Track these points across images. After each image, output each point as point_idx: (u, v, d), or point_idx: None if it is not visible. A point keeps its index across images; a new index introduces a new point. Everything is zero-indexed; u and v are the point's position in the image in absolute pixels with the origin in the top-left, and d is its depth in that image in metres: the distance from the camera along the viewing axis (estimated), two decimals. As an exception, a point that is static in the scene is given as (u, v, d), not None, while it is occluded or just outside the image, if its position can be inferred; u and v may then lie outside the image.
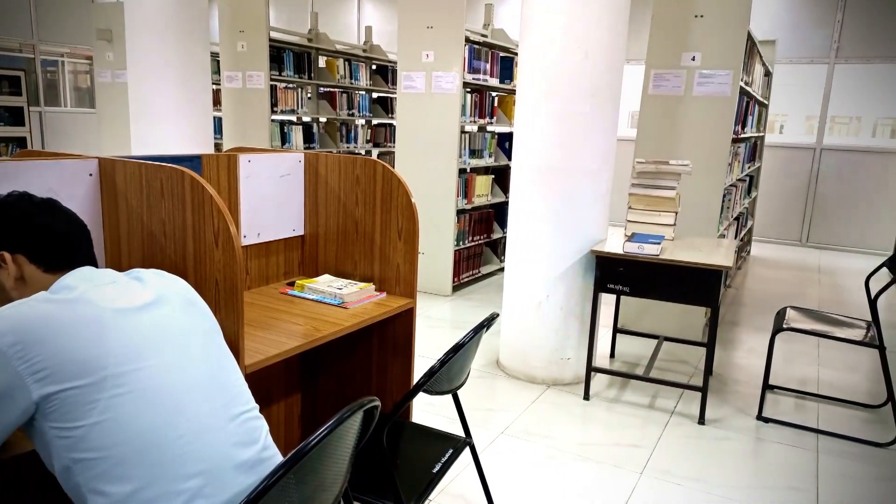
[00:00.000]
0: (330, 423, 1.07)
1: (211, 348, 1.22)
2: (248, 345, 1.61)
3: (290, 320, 1.83)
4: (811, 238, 7.43)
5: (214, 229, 1.47)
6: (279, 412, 2.34)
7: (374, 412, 1.23)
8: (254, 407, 1.23)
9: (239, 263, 1.46)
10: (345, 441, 1.17)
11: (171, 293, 1.23)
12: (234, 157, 1.99)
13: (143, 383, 1.08)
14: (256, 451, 1.17)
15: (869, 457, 2.68)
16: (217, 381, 1.18)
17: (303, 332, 1.73)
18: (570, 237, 3.15)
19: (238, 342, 1.48)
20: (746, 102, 4.57)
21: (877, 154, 7.08)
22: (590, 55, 2.98)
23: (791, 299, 5.06)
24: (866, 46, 6.97)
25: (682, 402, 3.11)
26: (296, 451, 1.03)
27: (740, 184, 5.06)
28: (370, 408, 1.19)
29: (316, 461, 1.09)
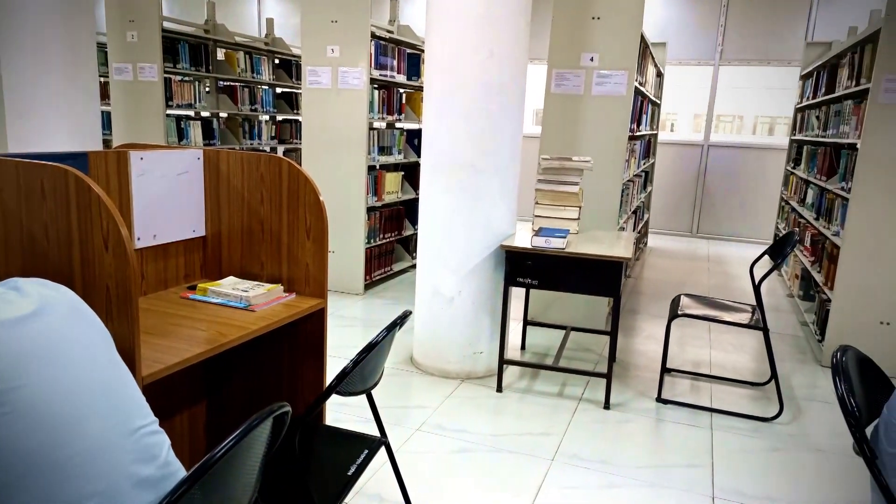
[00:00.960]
0: (237, 433, 1.02)
1: (101, 360, 1.13)
2: (145, 354, 1.52)
3: (192, 326, 1.74)
4: (701, 229, 7.95)
5: (103, 232, 1.37)
6: (183, 424, 2.22)
7: (285, 418, 1.19)
8: (153, 421, 1.16)
9: (132, 268, 1.36)
10: (253, 450, 1.12)
11: (54, 303, 1.13)
12: (124, 154, 1.87)
13: (25, 402, 0.99)
14: (157, 467, 1.11)
15: (757, 430, 2.90)
16: (110, 396, 1.10)
17: (206, 338, 1.65)
18: (480, 233, 3.19)
19: (133, 352, 1.39)
20: (641, 101, 4.81)
21: (757, 150, 7.67)
22: (495, 54, 3.03)
23: (684, 287, 5.39)
24: (746, 49, 7.53)
25: (589, 388, 3.24)
26: (200, 464, 0.98)
27: (637, 179, 5.32)
28: (280, 414, 1.15)
29: (223, 473, 1.04)
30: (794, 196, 5.95)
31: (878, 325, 3.55)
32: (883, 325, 3.54)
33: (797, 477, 2.53)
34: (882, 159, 3.44)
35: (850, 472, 2.57)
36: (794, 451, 2.73)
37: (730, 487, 2.43)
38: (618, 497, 2.33)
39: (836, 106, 4.57)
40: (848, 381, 1.37)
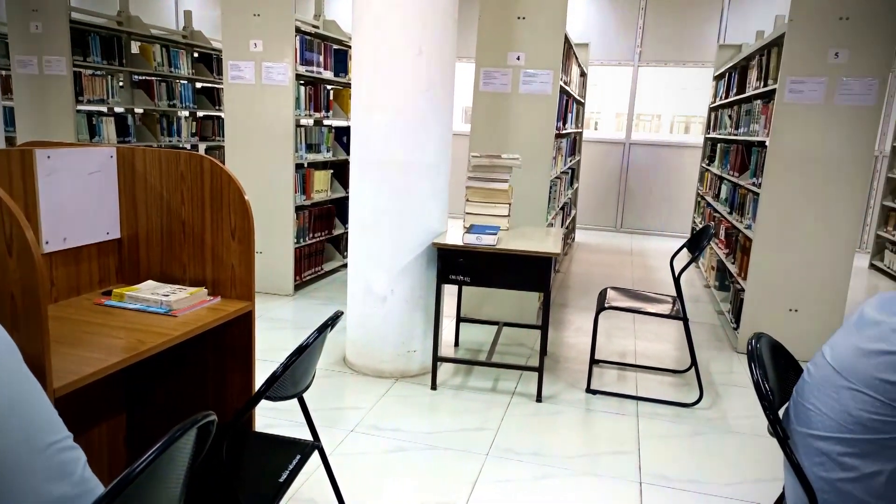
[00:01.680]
0: (157, 445, 0.97)
1: (5, 375, 1.05)
2: (57, 365, 1.42)
3: (108, 334, 1.64)
4: (624, 224, 8.24)
5: (6, 236, 1.27)
6: (101, 437, 2.10)
7: (210, 427, 1.14)
8: (67, 436, 1.08)
9: (40, 273, 1.27)
10: (177, 462, 1.07)
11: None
12: (29, 152, 1.74)
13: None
14: (72, 485, 1.03)
15: (679, 416, 3.03)
16: (18, 412, 1.02)
17: (124, 346, 1.56)
18: (411, 231, 3.18)
19: (43, 364, 1.30)
20: (566, 100, 4.93)
21: (674, 148, 8.02)
22: (424, 52, 3.02)
23: (610, 280, 5.57)
24: (663, 51, 7.85)
25: (522, 382, 3.29)
26: (119, 479, 0.92)
27: (564, 176, 5.46)
28: (205, 423, 1.10)
29: (144, 488, 0.99)
30: (710, 191, 6.26)
31: (788, 313, 3.78)
32: (792, 312, 3.78)
33: (717, 459, 2.66)
34: (788, 156, 3.66)
35: (765, 451, 2.72)
36: (714, 434, 2.87)
37: (655, 472, 2.52)
38: (550, 487, 2.38)
39: (747, 105, 4.84)
40: (762, 367, 1.45)
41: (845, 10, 3.44)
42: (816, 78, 3.54)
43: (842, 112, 3.54)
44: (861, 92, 3.50)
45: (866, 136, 3.54)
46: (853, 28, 3.44)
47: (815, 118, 3.58)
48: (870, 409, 1.26)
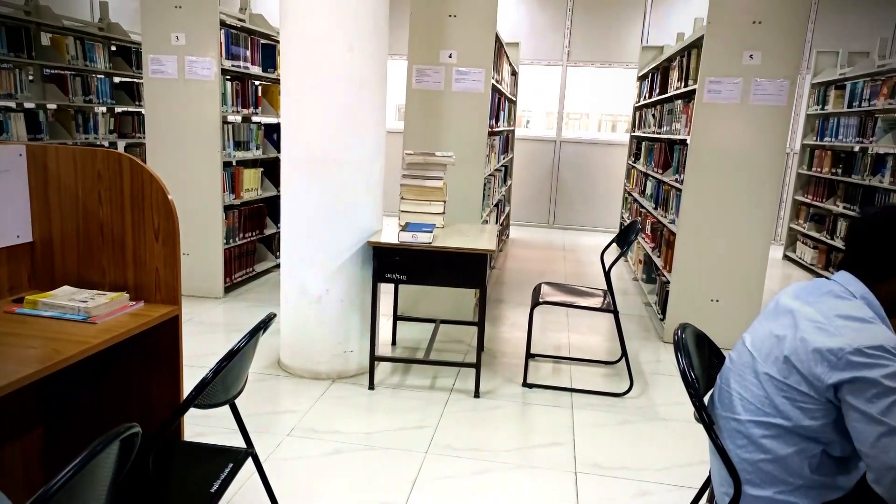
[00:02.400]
0: (76, 461, 0.91)
1: None
2: (-40, 380, 1.32)
3: (20, 344, 1.54)
4: (557, 220, 8.43)
5: None
6: (14, 454, 1.96)
7: (135, 439, 1.08)
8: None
9: (-62, 282, 1.17)
10: (98, 478, 1.01)
11: None
12: (-77, 149, 1.60)
13: None
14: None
15: (611, 406, 3.13)
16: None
17: (39, 357, 1.47)
18: (346, 229, 3.13)
19: (-56, 379, 1.20)
20: (498, 98, 4.98)
21: (602, 146, 8.26)
22: (355, 48, 2.98)
23: (544, 275, 5.68)
24: (590, 51, 8.07)
25: (460, 379, 3.31)
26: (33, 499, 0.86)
27: (497, 173, 5.52)
28: (129, 435, 1.04)
29: (62, 508, 0.93)
30: (636, 188, 6.49)
31: (710, 303, 3.97)
32: (714, 303, 3.96)
33: (647, 445, 2.76)
34: (708, 153, 3.84)
35: (692, 437, 2.84)
36: (644, 422, 2.98)
37: (589, 461, 2.59)
38: (489, 482, 2.40)
39: (669, 105, 5.03)
40: (687, 356, 1.51)
41: (758, 15, 3.63)
42: (732, 79, 3.72)
43: (756, 111, 3.73)
44: (773, 92, 3.70)
45: (778, 134, 3.75)
46: (765, 31, 3.64)
47: (731, 117, 3.76)
48: (783, 394, 1.34)
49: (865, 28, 7.45)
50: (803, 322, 1.33)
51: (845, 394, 1.26)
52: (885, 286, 1.38)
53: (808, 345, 1.30)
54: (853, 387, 1.24)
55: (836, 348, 1.26)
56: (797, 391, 1.31)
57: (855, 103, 5.93)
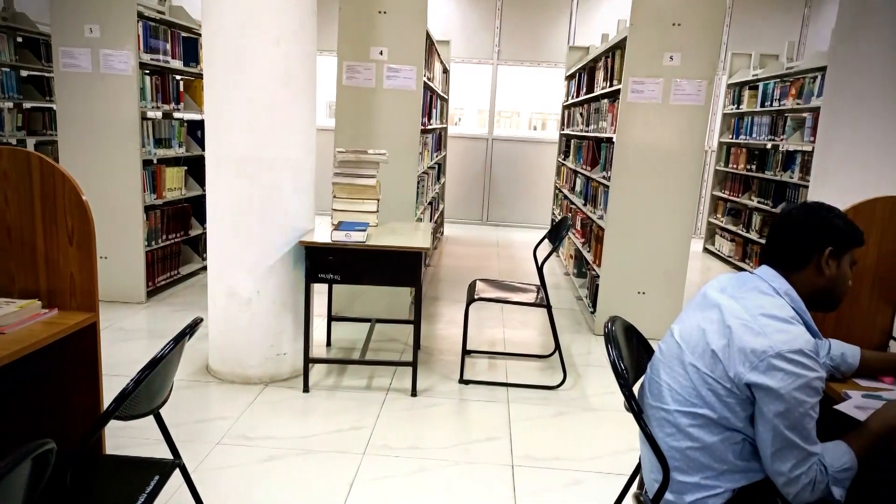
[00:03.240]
0: (-19, 484, 0.84)
1: None
2: None
3: (-86, 359, 1.41)
4: (490, 217, 8.52)
5: None
6: (-89, 479, 1.80)
7: (48, 456, 1.01)
8: None
9: None
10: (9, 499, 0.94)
11: None
12: None
13: None
14: None
15: (546, 398, 3.19)
16: None
17: (-64, 373, 1.35)
18: (276, 229, 3.06)
19: None
20: (430, 96, 4.99)
21: (533, 143, 8.41)
22: (281, 43, 2.91)
23: (479, 272, 5.73)
24: (519, 51, 8.19)
25: (396, 378, 3.29)
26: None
27: (431, 171, 5.52)
28: (42, 453, 0.98)
29: (-34, 536, 0.85)
30: (566, 185, 6.64)
31: (637, 295, 4.11)
32: (640, 295, 4.11)
33: (580, 435, 2.83)
34: (632, 151, 3.97)
35: (623, 426, 2.93)
36: (577, 413, 3.05)
37: (525, 454, 2.63)
38: (427, 480, 2.40)
39: (595, 104, 5.18)
40: (617, 348, 1.55)
41: (677, 17, 3.78)
42: (654, 79, 3.86)
43: (677, 111, 3.89)
44: (692, 92, 3.87)
45: (697, 132, 3.92)
46: (684, 34, 3.80)
47: (654, 116, 3.90)
48: (708, 386, 1.40)
49: (775, 31, 7.90)
50: (730, 318, 1.39)
51: (759, 397, 1.33)
52: (802, 276, 1.47)
53: (734, 342, 1.36)
54: (766, 394, 1.31)
55: (759, 350, 1.32)
56: (720, 385, 1.38)
57: (767, 103, 6.29)
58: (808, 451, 1.32)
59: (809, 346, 1.32)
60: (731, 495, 1.40)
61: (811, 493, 1.32)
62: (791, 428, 1.31)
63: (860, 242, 1.48)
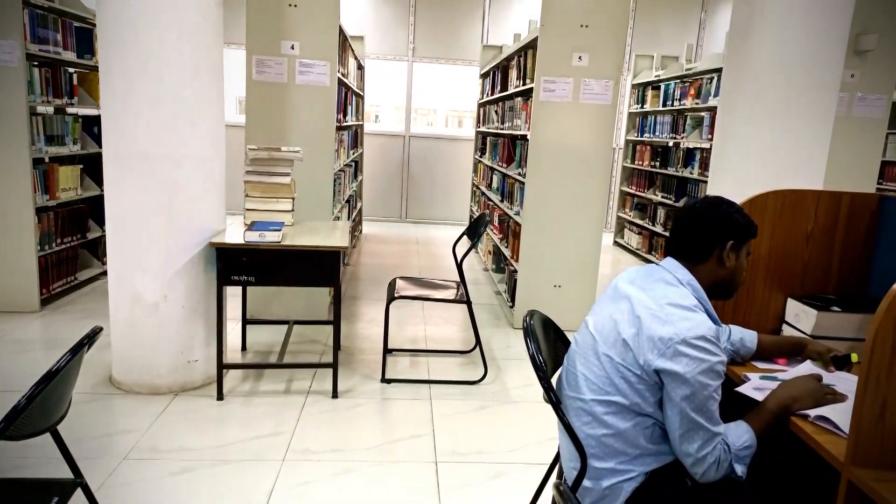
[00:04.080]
0: None
1: None
2: None
3: None
4: (409, 214, 8.51)
5: None
6: None
7: (-76, 487, 0.91)
8: None
9: None
10: None
11: None
12: None
13: None
14: None
15: (467, 393, 3.22)
16: None
17: None
18: (184, 230, 2.91)
19: None
20: (345, 93, 4.91)
21: (450, 140, 8.47)
22: (185, 34, 2.77)
23: (399, 270, 5.71)
24: (434, 48, 8.22)
25: (317, 380, 3.22)
26: None
27: (348, 169, 5.45)
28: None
29: None
30: (483, 181, 6.73)
31: (553, 288, 4.23)
32: (556, 288, 4.23)
33: (502, 428, 2.88)
34: (546, 148, 4.07)
35: (543, 416, 3.01)
36: (498, 406, 3.10)
37: (448, 449, 2.65)
38: (350, 481, 2.37)
39: (510, 102, 5.27)
40: (536, 341, 1.58)
41: (585, 19, 3.91)
42: (564, 78, 3.98)
43: (586, 109, 4.02)
44: (600, 92, 4.01)
45: (606, 130, 4.07)
46: (592, 35, 3.93)
47: (565, 115, 4.02)
48: (621, 374, 1.45)
49: (675, 34, 8.34)
50: (639, 308, 1.46)
51: (666, 382, 1.40)
52: (704, 267, 1.56)
53: (643, 331, 1.42)
54: (673, 379, 1.38)
55: (666, 337, 1.39)
56: (632, 372, 1.44)
57: (668, 102, 6.62)
58: (712, 431, 1.39)
59: (711, 332, 1.40)
60: (645, 478, 1.46)
61: (716, 472, 1.40)
62: (696, 410, 1.38)
63: (755, 234, 1.58)
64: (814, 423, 1.40)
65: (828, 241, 1.96)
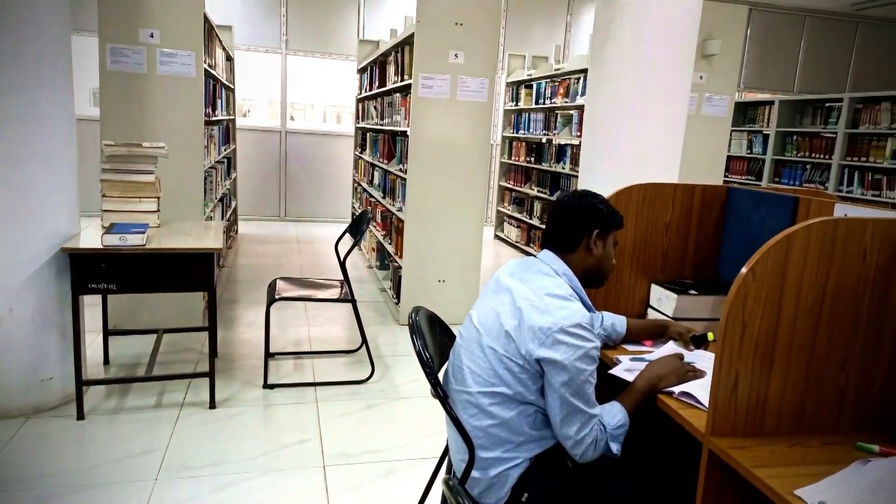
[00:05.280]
0: None
1: None
2: None
3: None
4: (288, 213, 8.25)
5: None
6: None
7: None
8: None
9: None
10: None
11: None
12: None
13: None
14: None
15: (355, 393, 3.17)
16: None
17: None
18: (31, 236, 2.62)
19: None
20: (214, 85, 4.65)
21: (329, 136, 8.30)
22: (24, 18, 2.49)
23: (279, 270, 5.52)
24: (309, 41, 8.00)
25: (192, 391, 3.03)
26: None
27: (220, 166, 5.17)
28: None
29: None
30: (364, 178, 6.67)
31: (438, 283, 4.27)
32: (441, 283, 4.27)
33: (391, 425, 2.87)
34: (426, 144, 4.10)
35: (431, 410, 3.03)
36: (387, 403, 3.09)
37: (337, 452, 2.60)
38: (234, 495, 2.25)
39: (389, 98, 5.25)
40: (422, 337, 1.58)
41: (459, 17, 3.97)
42: (442, 75, 4.02)
43: (464, 106, 4.10)
44: (476, 89, 4.10)
45: (483, 127, 4.17)
46: (467, 33, 4.00)
47: (444, 111, 4.07)
48: (504, 365, 1.49)
49: (544, 35, 8.71)
50: (520, 300, 1.50)
51: (547, 370, 1.45)
52: (575, 256, 1.64)
53: (524, 322, 1.47)
54: (552, 366, 1.44)
55: (545, 327, 1.45)
56: (514, 362, 1.48)
57: (540, 101, 6.91)
58: (589, 413, 1.47)
59: (586, 319, 1.47)
60: (529, 463, 1.51)
61: (594, 451, 1.48)
62: (575, 395, 1.44)
63: (620, 225, 1.69)
64: (678, 398, 1.52)
65: (684, 231, 2.13)
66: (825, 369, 1.35)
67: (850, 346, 1.35)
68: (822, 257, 1.30)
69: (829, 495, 1.10)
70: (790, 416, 1.35)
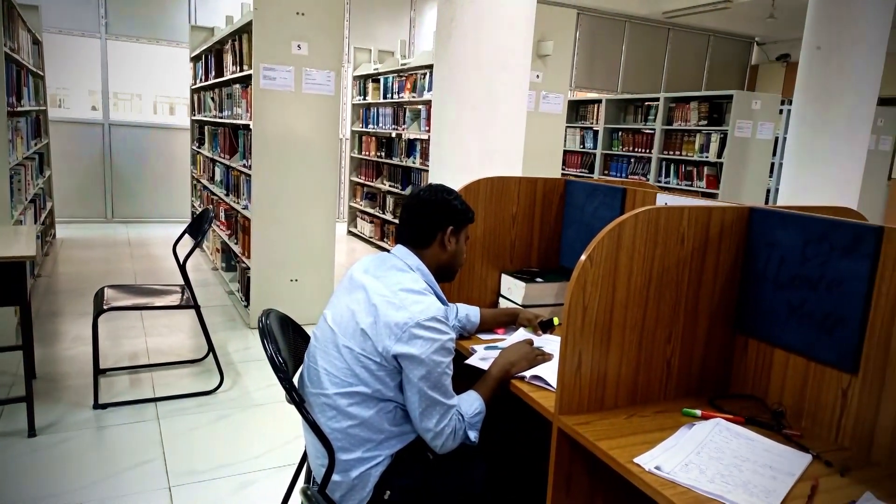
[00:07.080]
0: None
1: None
2: None
3: None
4: (116, 213, 7.51)
5: None
6: None
7: None
8: None
9: None
10: None
11: None
12: None
13: None
14: None
15: (203, 405, 2.97)
16: None
17: None
18: None
19: None
20: (18, 71, 4.10)
21: (162, 130, 7.66)
22: None
23: (108, 278, 5.00)
24: (133, 26, 7.32)
25: (6, 419, 2.66)
26: None
27: (29, 162, 4.56)
28: None
29: None
30: (204, 174, 6.24)
31: (290, 283, 4.12)
32: (293, 283, 4.13)
33: (245, 436, 2.72)
34: (271, 139, 3.92)
35: (288, 416, 2.91)
36: (239, 413, 2.92)
37: (184, 470, 2.41)
38: (63, 533, 2.01)
39: (227, 89, 4.95)
40: (274, 341, 1.51)
41: (301, 7, 3.84)
42: (285, 67, 3.87)
43: (310, 99, 3.98)
44: (322, 82, 4.00)
45: (331, 121, 4.08)
46: (309, 23, 3.88)
47: (288, 104, 3.92)
48: (361, 364, 1.46)
49: (390, 30, 8.71)
50: (375, 296, 1.48)
51: (405, 365, 1.45)
52: (429, 252, 1.65)
53: (380, 319, 1.45)
54: (410, 361, 1.44)
55: (401, 322, 1.44)
56: (371, 360, 1.46)
57: (388, 95, 6.91)
58: (447, 405, 1.49)
59: (441, 312, 1.49)
60: (391, 460, 1.50)
61: (453, 441, 1.50)
62: (433, 387, 1.46)
63: (472, 220, 1.73)
64: (529, 382, 1.59)
65: (528, 222, 2.24)
66: (654, 344, 1.48)
67: (674, 321, 1.50)
68: (647, 242, 1.42)
69: (663, 459, 1.22)
70: (627, 389, 1.47)
